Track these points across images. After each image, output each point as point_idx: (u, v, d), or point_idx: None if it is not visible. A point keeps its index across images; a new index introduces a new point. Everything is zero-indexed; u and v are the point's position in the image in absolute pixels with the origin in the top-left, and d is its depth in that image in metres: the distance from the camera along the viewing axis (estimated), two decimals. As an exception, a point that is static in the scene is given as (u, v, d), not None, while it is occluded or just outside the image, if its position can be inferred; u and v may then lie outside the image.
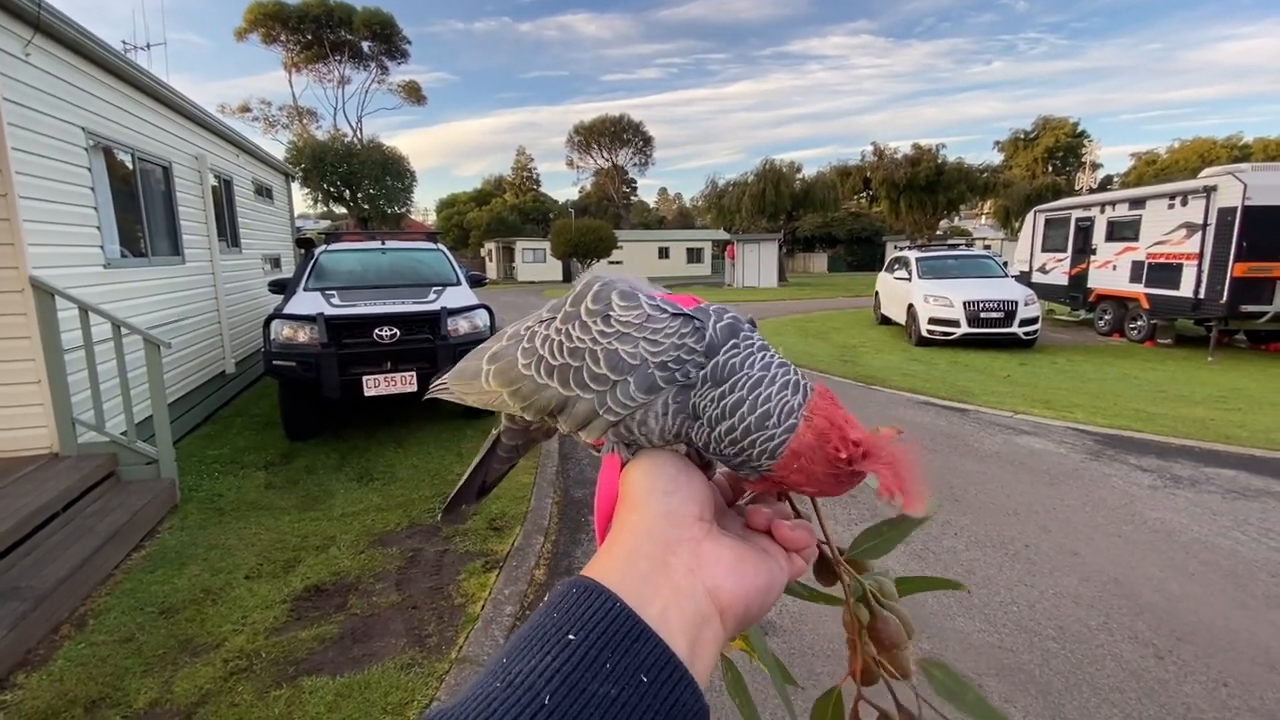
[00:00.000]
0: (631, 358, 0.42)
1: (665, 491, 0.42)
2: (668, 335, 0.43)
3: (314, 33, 34.68)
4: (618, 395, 0.42)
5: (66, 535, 3.43)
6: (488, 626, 2.85)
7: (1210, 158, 33.48)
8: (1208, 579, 3.24)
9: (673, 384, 0.42)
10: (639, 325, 0.43)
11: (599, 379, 0.43)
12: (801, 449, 0.40)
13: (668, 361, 0.42)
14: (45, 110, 4.26)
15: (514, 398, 0.48)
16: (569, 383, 0.44)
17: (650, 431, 0.43)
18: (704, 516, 0.41)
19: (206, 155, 7.20)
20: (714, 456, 0.44)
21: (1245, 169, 9.94)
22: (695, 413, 0.42)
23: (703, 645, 0.36)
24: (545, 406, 0.46)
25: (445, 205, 50.57)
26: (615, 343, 0.43)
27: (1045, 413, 6.48)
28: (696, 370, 0.42)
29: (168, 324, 5.75)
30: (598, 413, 0.43)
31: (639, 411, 0.42)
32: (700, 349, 0.42)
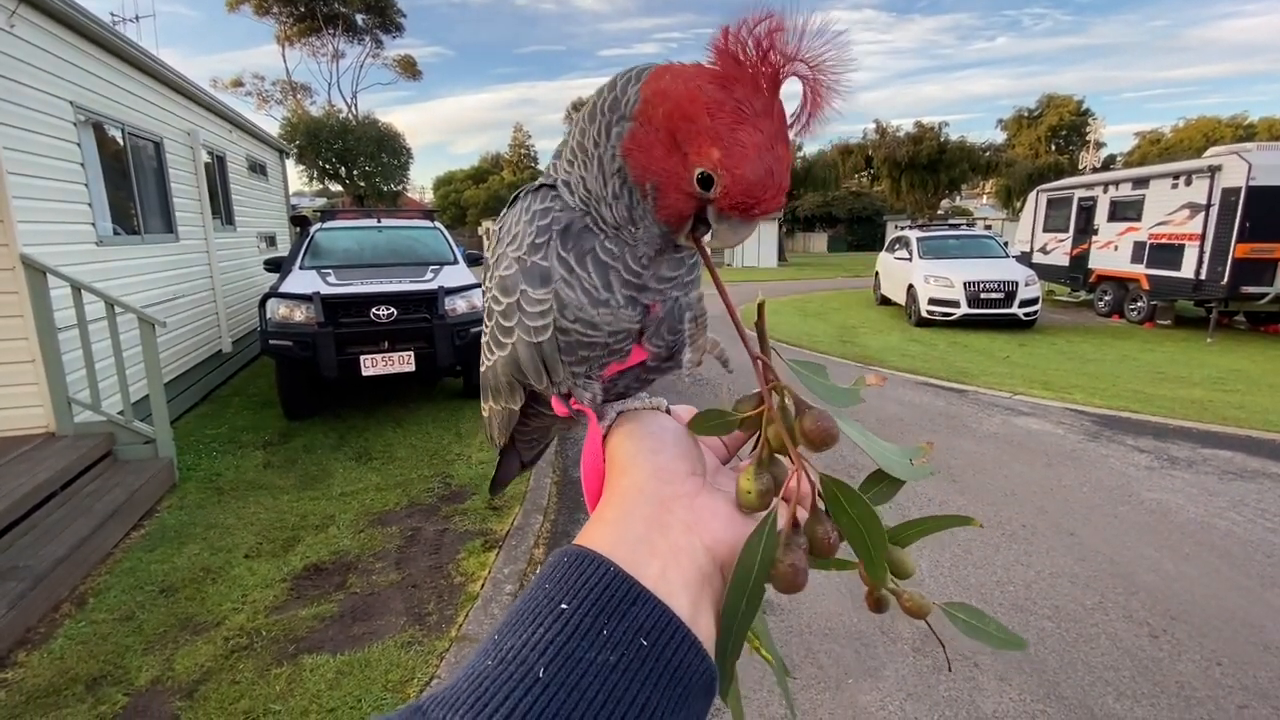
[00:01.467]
0: (507, 268, 0.43)
1: (653, 450, 0.41)
2: (516, 223, 0.44)
3: (307, 5, 33.94)
4: (523, 307, 0.43)
5: (65, 514, 3.43)
6: (487, 605, 2.86)
7: (1215, 137, 33.15)
8: (1203, 559, 3.26)
9: (550, 244, 0.42)
10: (499, 242, 0.46)
11: (506, 312, 0.44)
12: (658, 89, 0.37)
13: (535, 241, 0.42)
14: (32, 84, 4.16)
15: (495, 396, 0.50)
16: (497, 338, 0.46)
17: (588, 313, 0.42)
18: (695, 471, 0.40)
19: (199, 131, 7.08)
20: (641, 248, 0.41)
21: (1250, 148, 9.83)
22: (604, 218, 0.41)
23: (705, 603, 0.35)
24: (509, 375, 0.47)
25: (442, 183, 50.07)
26: (495, 275, 0.45)
27: (1044, 394, 6.48)
28: (559, 219, 0.42)
29: (162, 303, 5.70)
30: (530, 339, 0.43)
31: (553, 307, 0.42)
32: (551, 202, 0.43)
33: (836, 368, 7.99)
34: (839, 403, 0.43)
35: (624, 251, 0.42)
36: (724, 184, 0.35)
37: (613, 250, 0.42)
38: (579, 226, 0.42)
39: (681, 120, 0.35)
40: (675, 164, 0.36)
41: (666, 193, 0.38)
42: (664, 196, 0.38)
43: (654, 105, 0.36)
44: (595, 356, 0.44)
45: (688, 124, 0.35)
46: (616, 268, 0.42)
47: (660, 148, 0.36)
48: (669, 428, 0.43)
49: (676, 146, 0.36)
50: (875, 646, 2.61)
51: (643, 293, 0.42)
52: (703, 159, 0.35)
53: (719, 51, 0.35)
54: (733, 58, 0.35)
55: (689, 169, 0.36)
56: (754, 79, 0.35)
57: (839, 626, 2.75)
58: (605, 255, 0.41)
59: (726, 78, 0.35)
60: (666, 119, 0.36)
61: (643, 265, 0.42)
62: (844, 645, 2.63)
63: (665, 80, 0.36)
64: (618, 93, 0.39)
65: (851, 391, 0.44)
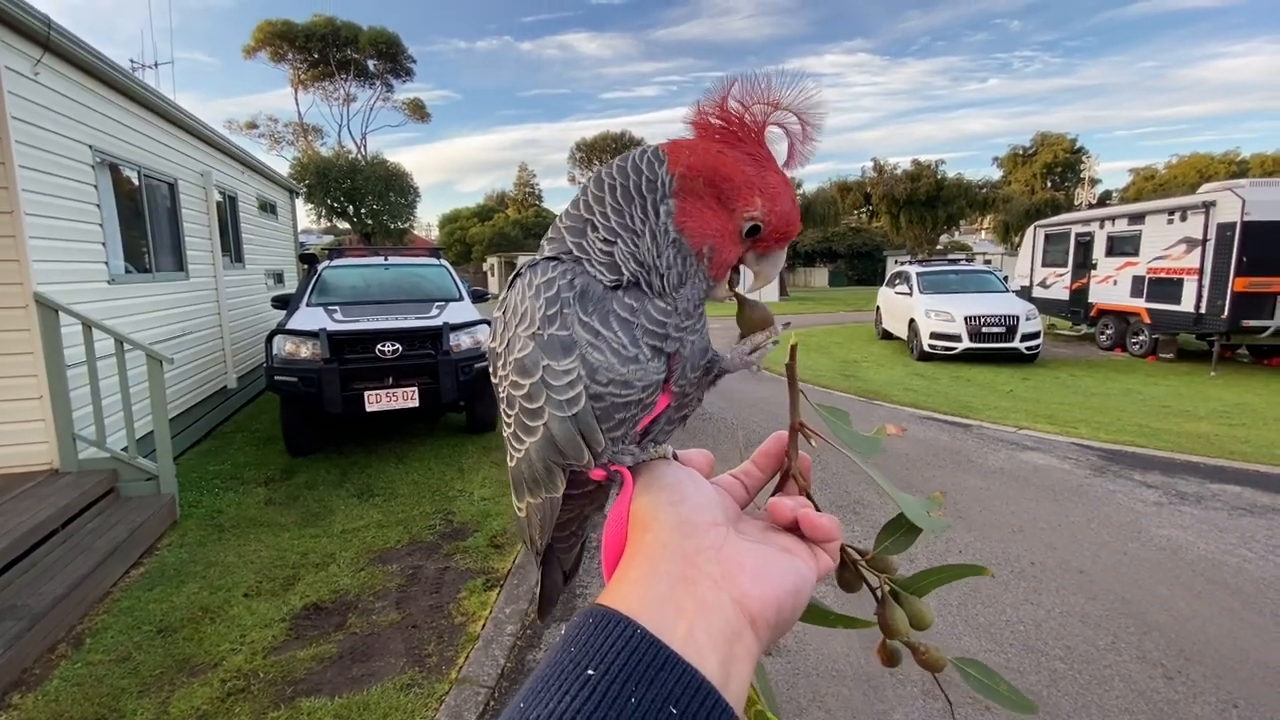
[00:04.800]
0: (522, 349, 0.42)
1: (672, 502, 0.40)
2: (523, 302, 0.43)
3: (321, 51, 35.09)
4: (549, 383, 0.41)
5: (65, 552, 3.41)
6: (488, 646, 2.82)
7: (1208, 173, 33.62)
8: (1215, 597, 3.20)
9: (565, 312, 0.41)
10: (506, 326, 0.44)
11: (531, 394, 0.42)
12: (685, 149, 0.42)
13: (547, 314, 0.41)
14: (53, 128, 4.30)
15: (533, 488, 0.46)
16: (524, 424, 0.43)
17: (618, 372, 0.42)
18: (719, 522, 0.39)
19: (212, 172, 7.27)
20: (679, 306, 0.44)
21: (1244, 184, 9.98)
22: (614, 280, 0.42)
23: (736, 663, 0.33)
24: (545, 460, 0.44)
25: (448, 220, 50.82)
26: (510, 360, 0.43)
27: (1049, 428, 6.45)
28: (572, 284, 0.42)
29: (170, 339, 5.77)
30: (564, 414, 0.41)
31: (580, 375, 0.41)
32: (555, 271, 0.42)
33: (841, 402, 7.98)
34: (862, 451, 0.45)
35: (644, 304, 0.43)
36: (770, 221, 0.43)
37: (632, 305, 0.42)
38: (596, 289, 0.42)
39: (722, 183, 0.41)
40: (724, 221, 0.42)
41: (721, 249, 0.43)
42: (719, 254, 0.43)
43: (692, 179, 0.42)
44: (631, 416, 0.43)
45: (728, 184, 0.42)
46: (639, 322, 0.42)
47: (710, 212, 0.42)
48: (684, 477, 0.42)
49: (723, 206, 0.42)
50: (884, 689, 2.56)
51: (665, 341, 0.43)
52: (751, 206, 0.42)
53: (715, 119, 0.43)
54: (728, 122, 0.42)
55: (737, 222, 0.42)
56: (752, 134, 0.42)
57: (846, 669, 2.69)
58: (626, 312, 0.42)
59: (731, 138, 0.42)
60: (709, 186, 0.42)
61: (665, 315, 0.43)
62: (852, 688, 2.57)
63: (689, 156, 0.42)
64: (647, 174, 0.42)
65: (873, 440, 0.46)
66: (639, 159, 0.43)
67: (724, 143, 0.42)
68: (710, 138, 0.43)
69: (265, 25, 34.29)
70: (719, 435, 6.19)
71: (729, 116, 0.42)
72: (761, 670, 0.46)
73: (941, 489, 4.72)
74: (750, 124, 0.42)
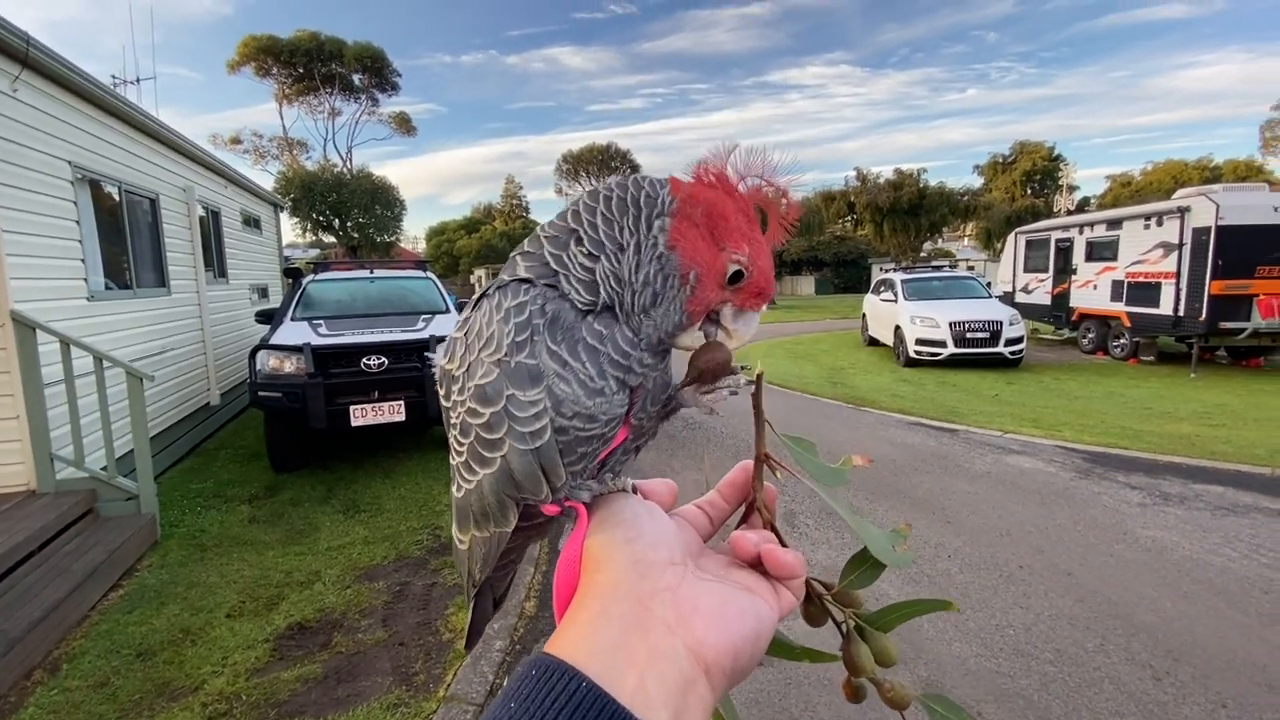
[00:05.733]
0: (485, 375, 0.39)
1: (627, 540, 0.38)
2: (489, 325, 0.40)
3: (306, 66, 35.04)
4: (512, 413, 0.39)
5: (42, 575, 3.33)
6: (476, 663, 2.78)
7: (1183, 179, 34.32)
8: (1201, 597, 3.23)
9: (535, 340, 0.39)
10: (468, 349, 0.41)
11: (490, 424, 0.39)
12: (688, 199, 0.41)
13: (516, 340, 0.39)
14: (31, 145, 4.25)
15: (482, 522, 0.43)
16: (478, 455, 0.41)
17: (584, 405, 0.40)
18: (675, 560, 0.38)
19: (194, 187, 7.21)
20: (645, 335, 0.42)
21: (1217, 190, 10.21)
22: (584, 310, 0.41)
23: (689, 714, 0.32)
24: (499, 494, 0.41)
25: (435, 233, 50.77)
26: (471, 385, 0.40)
27: (1034, 431, 6.51)
28: (544, 310, 0.40)
29: (151, 356, 5.69)
30: (526, 446, 0.39)
31: (547, 407, 0.39)
32: (526, 295, 0.40)
33: (829, 409, 8.02)
34: (827, 482, 0.44)
35: (613, 331, 0.41)
36: (751, 275, 0.42)
37: (600, 332, 0.41)
38: (567, 316, 0.41)
39: (719, 218, 0.41)
40: (714, 256, 0.41)
41: (705, 281, 0.42)
42: (702, 286, 0.42)
43: (693, 204, 0.41)
44: (592, 450, 0.42)
45: (723, 222, 0.41)
46: (606, 351, 0.41)
47: (703, 241, 0.41)
48: (642, 511, 0.40)
49: (714, 240, 0.41)
50: (875, 698, 2.55)
51: (629, 375, 0.42)
52: (739, 250, 0.41)
53: (715, 177, 0.42)
54: (726, 182, 0.42)
55: (723, 262, 0.41)
56: (746, 199, 0.42)
57: (839, 676, 2.68)
58: (594, 339, 0.41)
59: (732, 193, 0.42)
60: (706, 216, 0.41)
61: (630, 346, 0.41)
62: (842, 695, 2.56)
63: (692, 187, 0.42)
64: (648, 191, 0.42)
65: (838, 472, 0.45)
66: (641, 180, 0.43)
67: (726, 192, 0.43)
68: (715, 184, 0.43)
69: (250, 40, 34.23)
70: (708, 444, 6.20)
71: (725, 181, 0.42)
72: (728, 703, 0.45)
73: (929, 494, 4.75)
74: (744, 191, 0.42)
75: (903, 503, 4.64)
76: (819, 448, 0.46)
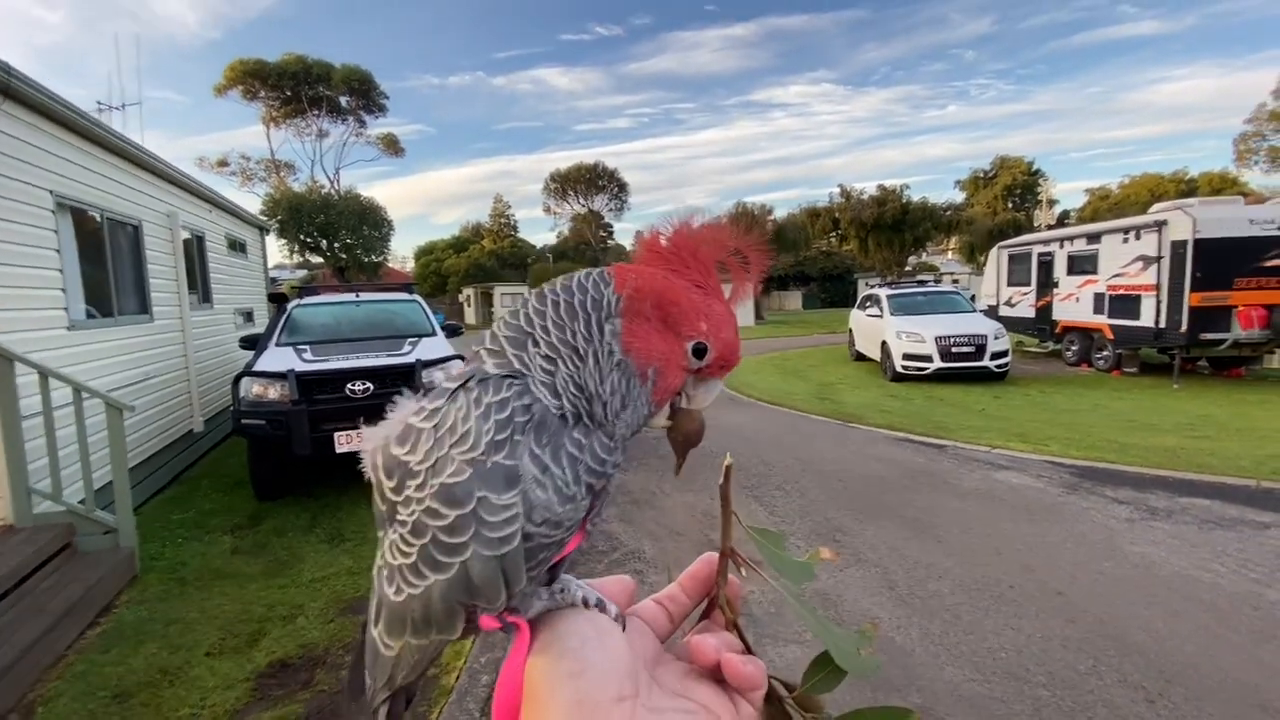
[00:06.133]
0: (455, 474, 0.37)
1: (571, 674, 0.35)
2: (465, 420, 0.38)
3: (293, 89, 35.16)
4: (482, 517, 0.36)
5: (16, 615, 3.24)
6: (462, 699, 2.72)
7: (1159, 192, 35.11)
8: (1192, 615, 3.24)
9: (517, 439, 0.37)
10: (436, 444, 0.38)
11: (453, 527, 0.36)
12: (633, 286, 0.41)
13: (495, 439, 0.37)
14: (11, 175, 4.21)
15: (422, 629, 0.40)
16: (433, 559, 0.38)
17: (555, 512, 0.37)
18: (624, 693, 0.35)
19: (178, 213, 7.16)
20: (619, 436, 0.41)
21: (1193, 203, 10.44)
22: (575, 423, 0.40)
23: None
24: (451, 601, 0.38)
25: (423, 253, 50.71)
26: (435, 484, 0.37)
27: (1021, 446, 6.54)
28: (527, 410, 0.38)
29: (133, 384, 5.60)
30: (492, 553, 0.36)
31: (519, 513, 0.36)
32: (509, 392, 0.39)
33: (818, 426, 8.03)
34: (793, 578, 0.43)
35: (590, 440, 0.40)
36: (715, 348, 0.42)
37: (580, 441, 0.40)
38: (553, 421, 0.39)
39: (669, 305, 0.41)
40: (670, 344, 0.41)
41: (666, 372, 0.42)
42: (663, 377, 0.41)
43: (640, 299, 0.41)
44: (547, 557, 0.40)
45: (674, 308, 0.41)
46: (584, 459, 0.39)
47: (655, 334, 0.41)
48: (590, 635, 0.38)
49: (669, 329, 0.41)
50: None
51: (598, 478, 0.41)
52: (695, 332, 0.41)
53: (666, 250, 0.43)
54: (678, 253, 0.42)
55: (683, 344, 0.41)
56: (703, 265, 0.42)
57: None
58: (574, 447, 0.39)
59: (680, 267, 0.42)
60: (656, 308, 0.41)
61: (608, 453, 0.41)
62: None
63: (638, 278, 0.41)
64: (593, 293, 0.41)
65: (805, 566, 0.44)
66: (584, 279, 0.42)
67: (673, 269, 0.42)
68: (658, 262, 0.43)
69: (237, 64, 34.33)
70: (700, 466, 6.16)
71: (682, 244, 0.43)
72: None
73: (919, 511, 4.75)
74: (702, 255, 0.42)
75: (892, 521, 4.64)
76: (810, 466, 0.45)
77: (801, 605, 0.41)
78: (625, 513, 4.85)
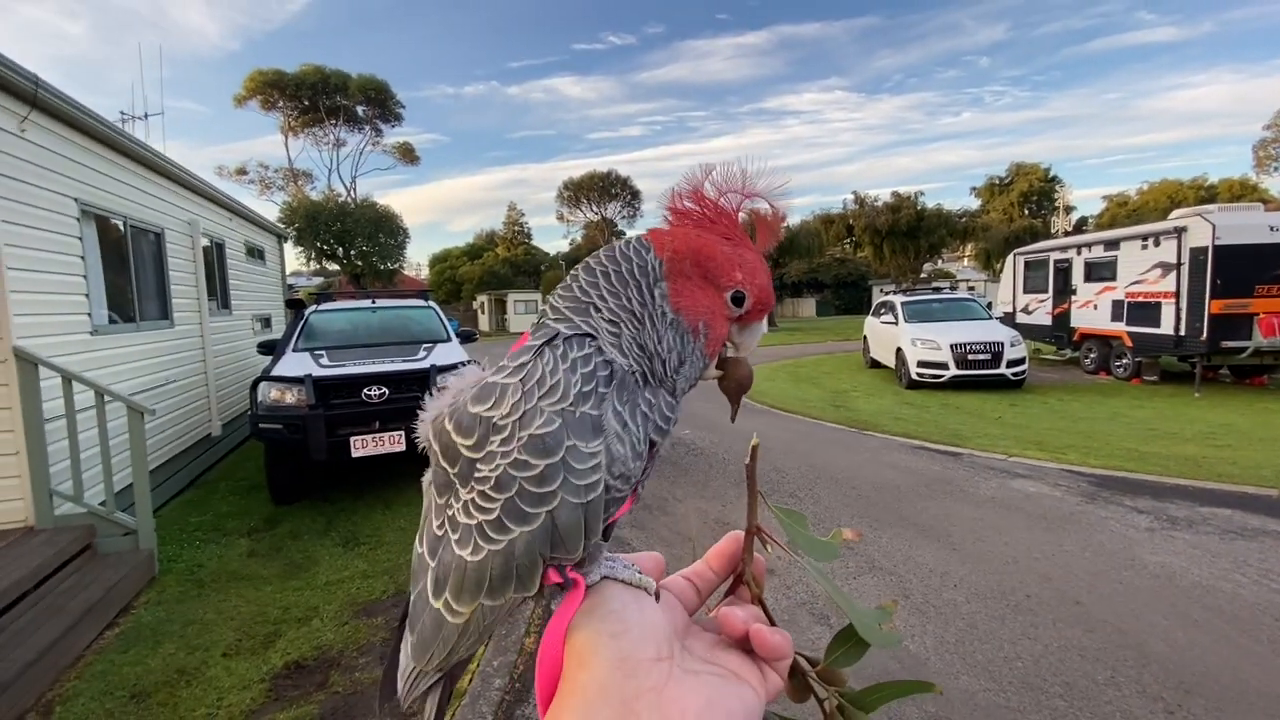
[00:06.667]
0: (545, 424, 0.38)
1: (613, 634, 0.37)
2: (554, 374, 0.39)
3: (311, 99, 35.74)
4: (571, 465, 0.37)
5: (37, 615, 3.30)
6: (475, 702, 2.73)
7: (1178, 199, 34.58)
8: (1213, 625, 3.18)
9: (601, 392, 0.39)
10: (525, 397, 0.39)
11: (542, 476, 0.37)
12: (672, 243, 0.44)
13: (582, 390, 0.39)
14: (38, 183, 4.32)
15: (499, 588, 0.40)
16: (519, 511, 0.38)
17: (629, 467, 0.40)
18: (662, 655, 0.37)
19: (199, 220, 7.30)
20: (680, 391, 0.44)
21: (1213, 210, 10.27)
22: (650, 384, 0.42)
23: None
24: (534, 554, 0.39)
25: (438, 260, 51.17)
26: (524, 435, 0.38)
27: (1039, 455, 6.46)
28: (608, 365, 0.41)
29: (153, 389, 5.70)
30: (579, 500, 0.37)
31: (602, 462, 0.38)
32: (590, 348, 0.41)
33: (832, 433, 7.98)
34: (817, 556, 0.45)
35: (659, 400, 0.43)
36: (752, 294, 0.45)
37: (650, 400, 0.42)
38: (629, 379, 0.42)
39: (707, 261, 0.44)
40: (712, 297, 0.45)
41: (714, 324, 0.45)
42: (712, 329, 0.45)
43: (679, 260, 0.44)
44: (613, 512, 0.41)
45: (711, 262, 0.44)
46: (654, 418, 0.42)
47: (699, 290, 0.44)
48: (630, 601, 0.40)
49: (709, 283, 0.45)
50: (883, 734, 2.49)
51: (661, 435, 0.43)
52: (732, 281, 0.45)
53: (691, 209, 0.46)
54: (703, 206, 0.45)
55: (723, 295, 0.45)
56: (727, 217, 0.46)
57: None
58: (645, 407, 0.42)
59: (705, 222, 0.45)
60: (695, 266, 0.44)
61: (671, 410, 0.44)
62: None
63: (674, 240, 0.45)
64: (637, 260, 0.44)
65: (829, 546, 0.45)
66: (625, 247, 0.45)
67: (699, 226, 0.45)
68: (685, 222, 0.46)
69: (256, 75, 34.97)
70: (710, 470, 6.15)
71: (704, 201, 0.45)
72: None
73: (934, 519, 4.70)
74: (725, 208, 0.45)
75: (907, 529, 4.59)
76: (823, 473, 0.47)
77: (825, 580, 0.43)
78: (638, 519, 4.85)
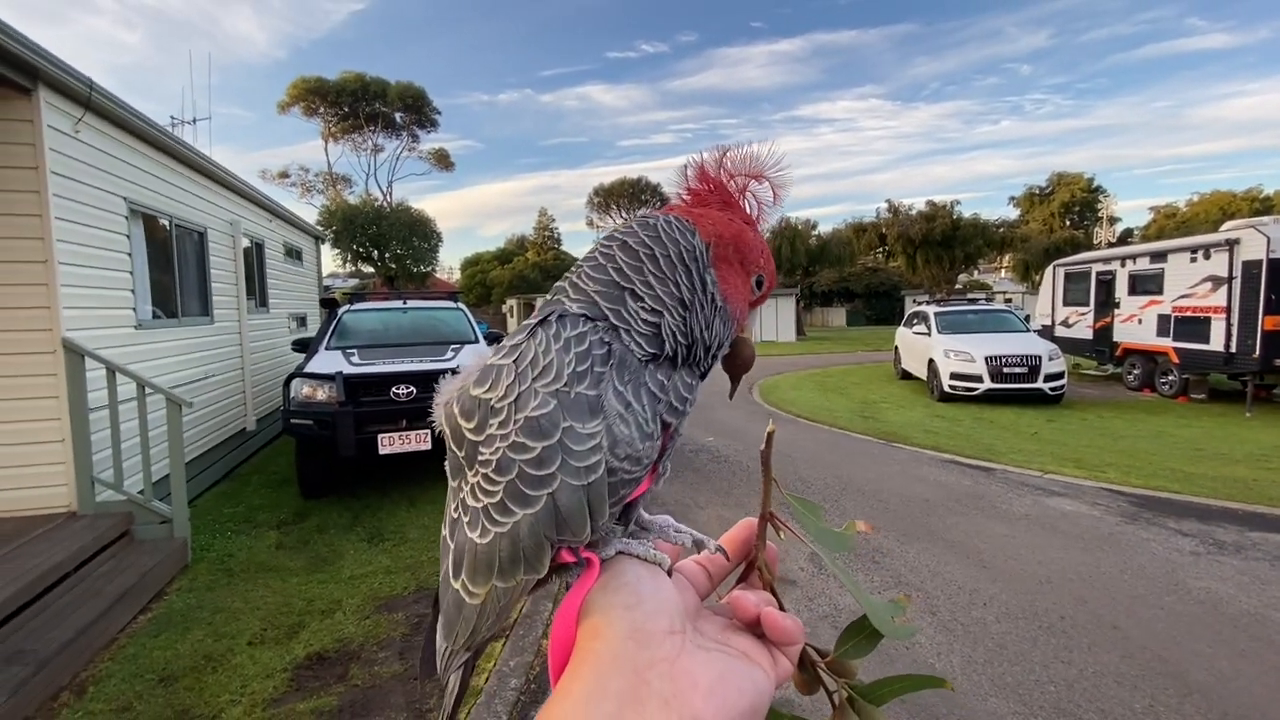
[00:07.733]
0: (540, 406, 0.37)
1: (627, 606, 0.37)
2: (546, 354, 0.39)
3: (351, 105, 36.71)
4: (569, 446, 0.37)
5: (75, 597, 3.42)
6: (490, 701, 2.73)
7: (1231, 210, 33.25)
8: (1261, 656, 3.01)
9: (598, 371, 0.38)
10: (518, 379, 0.39)
11: (541, 459, 0.37)
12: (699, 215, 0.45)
13: (577, 370, 0.38)
14: (90, 182, 4.50)
15: (509, 570, 0.40)
16: (520, 494, 0.38)
17: (636, 448, 0.39)
18: (675, 628, 0.37)
19: (241, 221, 7.53)
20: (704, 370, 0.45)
21: (1267, 222, 9.83)
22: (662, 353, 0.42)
23: None
24: (538, 536, 0.39)
25: (469, 264, 51.91)
26: (520, 417, 0.38)
27: (1076, 472, 6.24)
28: (604, 343, 0.40)
29: (192, 383, 5.88)
30: (579, 482, 0.37)
31: (603, 443, 0.37)
32: (586, 327, 0.40)
33: (858, 444, 7.84)
34: (831, 547, 0.44)
35: (673, 379, 0.42)
36: (768, 279, 0.48)
37: (662, 381, 0.41)
38: (632, 360, 0.41)
39: (744, 247, 0.46)
40: (744, 283, 0.46)
41: (742, 311, 0.47)
42: (741, 313, 0.47)
43: (723, 246, 0.45)
44: (623, 496, 0.41)
45: (747, 248, 0.46)
46: (666, 398, 0.41)
47: (737, 277, 0.46)
48: (644, 575, 0.39)
49: (743, 269, 0.46)
50: None
51: (677, 416, 0.43)
52: (757, 266, 0.47)
53: (713, 193, 0.47)
54: (715, 188, 0.47)
55: (749, 280, 0.47)
56: (736, 199, 0.47)
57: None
58: (655, 388, 0.41)
59: (727, 207, 0.46)
60: (736, 253, 0.45)
61: (689, 390, 0.43)
62: None
63: (715, 225, 0.45)
64: (684, 244, 0.44)
65: (843, 536, 0.45)
66: (668, 228, 0.44)
67: (726, 208, 0.46)
68: (708, 203, 0.46)
69: (299, 82, 36.07)
70: (733, 476, 6.09)
71: (718, 183, 0.46)
72: None
73: (964, 535, 4.57)
74: (735, 190, 0.46)
75: (935, 544, 4.47)
76: (850, 485, 0.46)
77: (839, 570, 0.42)
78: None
